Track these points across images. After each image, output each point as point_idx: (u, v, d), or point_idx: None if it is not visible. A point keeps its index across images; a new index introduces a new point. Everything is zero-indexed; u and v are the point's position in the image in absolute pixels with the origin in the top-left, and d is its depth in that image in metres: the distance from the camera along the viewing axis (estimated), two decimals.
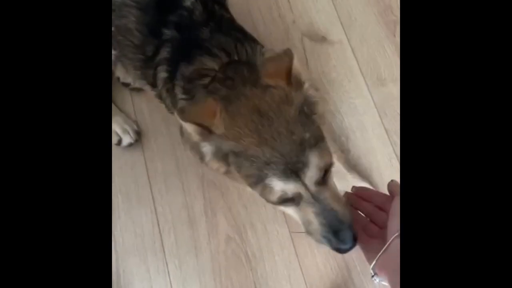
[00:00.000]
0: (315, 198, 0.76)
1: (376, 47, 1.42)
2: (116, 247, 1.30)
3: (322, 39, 1.44)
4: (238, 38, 0.99)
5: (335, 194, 0.79)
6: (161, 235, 1.30)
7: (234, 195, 1.31)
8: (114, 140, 1.38)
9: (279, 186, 0.73)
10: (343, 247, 0.77)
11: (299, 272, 1.23)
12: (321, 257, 1.23)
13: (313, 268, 1.23)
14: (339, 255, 1.22)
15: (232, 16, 1.13)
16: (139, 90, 1.43)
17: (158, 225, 1.31)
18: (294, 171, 0.72)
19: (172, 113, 1.11)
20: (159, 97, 1.11)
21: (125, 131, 1.38)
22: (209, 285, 1.24)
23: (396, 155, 1.30)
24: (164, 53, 1.01)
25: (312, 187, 0.75)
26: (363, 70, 1.40)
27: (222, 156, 0.79)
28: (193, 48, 0.97)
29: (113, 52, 1.22)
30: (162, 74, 1.03)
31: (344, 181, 1.22)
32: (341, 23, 1.46)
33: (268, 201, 0.78)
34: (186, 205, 1.31)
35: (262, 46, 1.03)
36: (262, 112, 0.75)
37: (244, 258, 1.25)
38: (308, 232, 0.81)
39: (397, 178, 1.26)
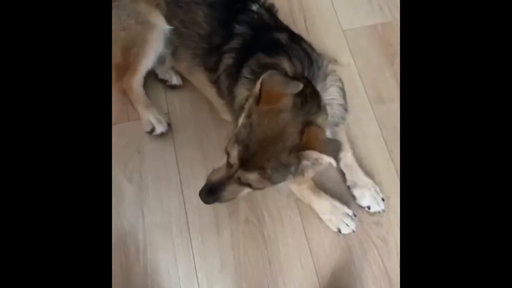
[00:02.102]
0: (230, 176, 1.08)
1: (378, 72, 1.69)
2: (145, 222, 1.44)
3: (334, 61, 1.70)
4: (308, 53, 1.20)
5: (237, 189, 1.11)
6: (186, 214, 1.45)
7: None
8: (147, 128, 1.55)
9: (234, 153, 1.04)
10: (200, 196, 1.14)
11: (308, 253, 1.41)
12: (328, 241, 1.42)
13: (320, 250, 1.41)
14: (343, 240, 1.42)
15: None
16: (173, 87, 1.62)
17: (184, 205, 1.47)
18: (243, 164, 1.04)
19: (221, 96, 1.30)
20: (215, 81, 1.31)
21: (158, 121, 1.55)
22: (228, 260, 1.39)
23: (392, 160, 1.54)
24: (234, 44, 1.22)
25: (236, 175, 1.07)
26: (367, 89, 1.66)
27: (248, 111, 1.06)
28: (274, 46, 1.18)
29: (165, 50, 1.43)
30: (227, 60, 1.23)
31: (355, 175, 1.44)
32: (350, 50, 1.73)
33: (226, 146, 1.09)
34: None
35: (328, 61, 1.24)
36: (278, 135, 1.00)
37: (261, 238, 1.42)
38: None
39: (393, 179, 1.50)
